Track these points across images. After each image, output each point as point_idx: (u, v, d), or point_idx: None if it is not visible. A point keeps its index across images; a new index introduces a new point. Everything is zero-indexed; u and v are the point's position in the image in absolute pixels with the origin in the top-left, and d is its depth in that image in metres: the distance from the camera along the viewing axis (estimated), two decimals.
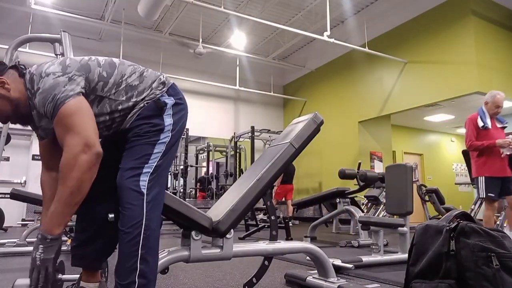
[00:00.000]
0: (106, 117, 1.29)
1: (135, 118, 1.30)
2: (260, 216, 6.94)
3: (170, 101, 1.34)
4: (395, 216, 3.15)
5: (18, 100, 1.25)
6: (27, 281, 1.23)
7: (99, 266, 1.44)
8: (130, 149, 1.27)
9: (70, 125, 1.15)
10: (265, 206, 1.89)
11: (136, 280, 1.17)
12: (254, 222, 5.88)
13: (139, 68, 1.38)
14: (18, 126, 1.42)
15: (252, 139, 8.48)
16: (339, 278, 1.90)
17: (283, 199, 7.95)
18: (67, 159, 1.13)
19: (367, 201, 5.96)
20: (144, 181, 1.22)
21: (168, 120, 1.32)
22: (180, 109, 1.38)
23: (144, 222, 1.19)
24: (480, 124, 3.48)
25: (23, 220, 6.75)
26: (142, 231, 1.18)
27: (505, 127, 3.65)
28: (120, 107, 1.29)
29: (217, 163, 9.97)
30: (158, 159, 1.27)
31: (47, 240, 1.15)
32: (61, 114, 1.16)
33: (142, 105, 1.30)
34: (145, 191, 1.21)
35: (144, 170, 1.23)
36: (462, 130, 10.34)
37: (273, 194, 7.88)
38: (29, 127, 1.40)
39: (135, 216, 1.19)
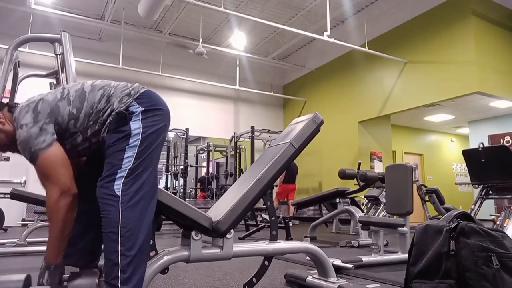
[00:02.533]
0: (85, 144, 1.43)
1: (106, 133, 1.39)
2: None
3: (137, 109, 1.40)
4: (395, 216, 3.14)
5: (13, 132, 1.39)
6: None
7: (87, 263, 1.49)
8: (106, 159, 1.36)
9: (48, 175, 1.32)
10: (265, 206, 1.89)
11: (119, 275, 1.22)
12: (254, 222, 5.88)
13: (109, 88, 1.44)
14: None
15: (252, 139, 8.47)
16: (339, 278, 1.90)
17: (285, 199, 7.93)
18: (50, 205, 1.30)
19: (367, 201, 5.96)
20: (118, 184, 1.30)
21: (135, 125, 1.37)
22: (154, 114, 1.42)
23: (120, 221, 1.25)
24: None
25: (23, 220, 6.74)
26: (120, 229, 1.24)
27: None
28: (89, 132, 1.41)
29: (217, 163, 9.96)
30: (132, 163, 1.33)
31: (51, 268, 1.33)
32: (38, 166, 1.33)
33: (108, 120, 1.38)
34: (119, 193, 1.28)
35: (118, 175, 1.31)
36: (462, 130, 10.44)
37: (275, 194, 7.87)
38: None
39: (111, 218, 1.26)
